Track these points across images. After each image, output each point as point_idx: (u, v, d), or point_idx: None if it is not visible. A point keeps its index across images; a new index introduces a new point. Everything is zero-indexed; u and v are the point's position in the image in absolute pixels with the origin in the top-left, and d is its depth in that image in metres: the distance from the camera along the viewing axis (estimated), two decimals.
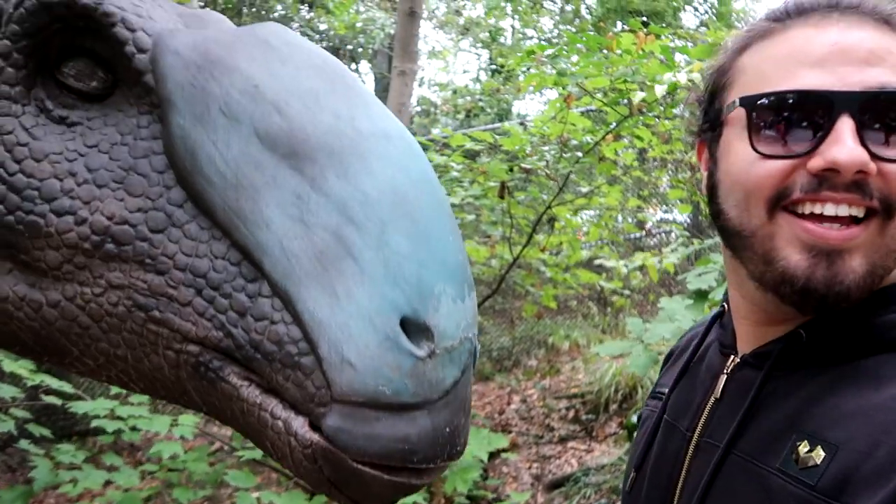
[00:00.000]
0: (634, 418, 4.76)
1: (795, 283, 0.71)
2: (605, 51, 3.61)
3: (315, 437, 0.79)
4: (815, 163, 0.70)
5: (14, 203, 0.90)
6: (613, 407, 5.52)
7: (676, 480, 0.81)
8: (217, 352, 0.84)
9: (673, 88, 3.08)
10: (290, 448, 0.81)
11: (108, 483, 2.53)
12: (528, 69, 3.83)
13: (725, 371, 0.80)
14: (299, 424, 0.80)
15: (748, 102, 0.76)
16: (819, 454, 0.64)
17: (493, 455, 4.79)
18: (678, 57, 3.32)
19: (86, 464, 2.59)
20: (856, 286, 0.69)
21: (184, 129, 0.87)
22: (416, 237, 0.83)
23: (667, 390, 0.90)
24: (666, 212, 7.54)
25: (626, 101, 3.59)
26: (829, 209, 0.70)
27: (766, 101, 0.74)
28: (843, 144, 0.68)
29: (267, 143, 0.84)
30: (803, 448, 0.66)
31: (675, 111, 3.56)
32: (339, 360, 0.77)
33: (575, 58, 3.67)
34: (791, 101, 0.72)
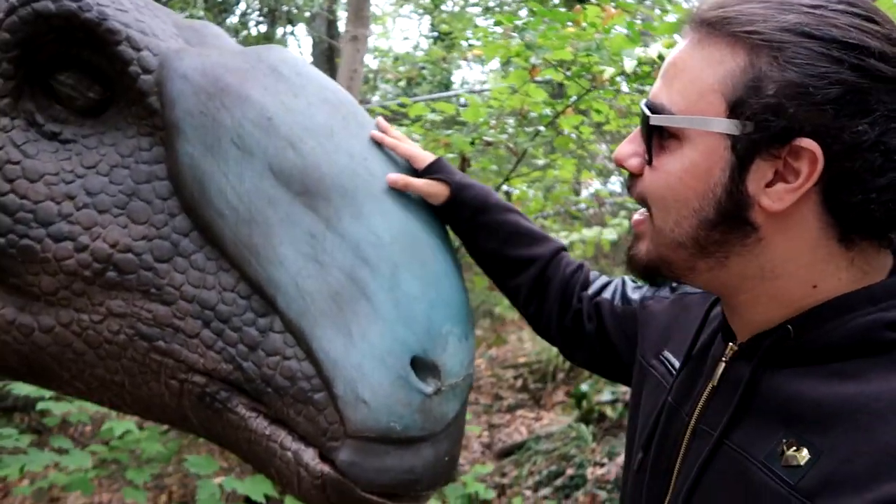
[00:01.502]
0: (584, 387, 4.94)
1: (627, 258, 0.83)
2: (569, 24, 3.62)
3: (325, 468, 0.82)
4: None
5: (6, 225, 0.87)
6: (561, 376, 5.69)
7: (674, 464, 0.84)
8: (225, 383, 0.86)
9: (640, 62, 3.11)
10: (298, 478, 0.84)
11: (54, 464, 2.45)
12: (477, 38, 3.80)
13: (724, 359, 0.82)
14: (310, 456, 0.83)
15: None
16: (804, 455, 0.67)
17: None
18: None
19: (31, 447, 2.50)
20: (639, 262, 0.80)
21: (193, 159, 0.86)
22: (426, 279, 0.86)
23: (677, 364, 0.93)
24: (605, 183, 7.67)
25: (589, 74, 3.61)
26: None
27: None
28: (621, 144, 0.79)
29: (281, 179, 0.85)
30: (789, 446, 0.69)
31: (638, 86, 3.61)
32: (354, 398, 0.80)
33: (541, 28, 3.66)
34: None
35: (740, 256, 0.75)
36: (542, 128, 4.22)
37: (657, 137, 0.75)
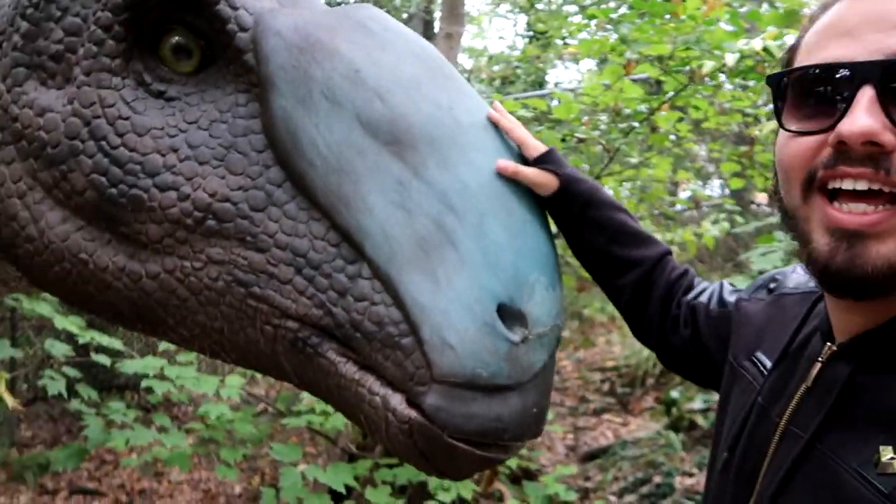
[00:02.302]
0: (674, 394, 4.77)
1: (817, 266, 0.69)
2: (668, 16, 3.51)
3: (413, 413, 0.82)
4: (831, 137, 0.68)
5: (117, 176, 0.93)
6: (650, 381, 5.52)
7: (762, 464, 0.80)
8: (316, 329, 0.87)
9: (746, 56, 2.97)
10: (386, 422, 0.85)
11: (155, 442, 2.59)
12: (571, 35, 3.74)
13: (821, 359, 0.78)
14: (397, 401, 0.83)
15: (774, 81, 0.75)
16: None
17: None
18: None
19: (136, 423, 2.66)
20: (877, 271, 0.65)
21: (286, 111, 0.89)
22: (513, 227, 0.85)
23: (769, 364, 0.88)
24: (704, 186, 7.38)
25: (687, 69, 3.49)
26: (847, 184, 0.67)
27: (787, 79, 0.73)
28: (854, 116, 0.65)
29: (369, 130, 0.86)
30: (886, 454, 0.65)
31: (740, 81, 3.45)
32: (440, 343, 0.80)
33: (637, 22, 3.57)
34: (814, 75, 0.70)
35: None
36: (636, 124, 4.12)
37: None
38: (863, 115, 0.64)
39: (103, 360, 2.78)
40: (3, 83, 1.05)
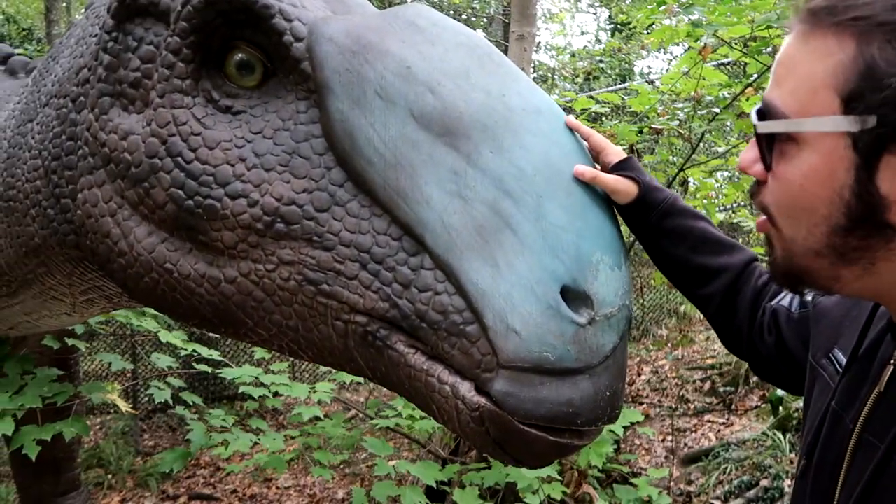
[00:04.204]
0: (780, 391, 4.51)
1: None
2: None
3: (482, 400, 0.82)
4: None
5: (192, 188, 0.99)
6: (754, 379, 5.25)
7: (838, 474, 0.76)
8: (383, 321, 0.89)
9: None
10: (457, 411, 0.85)
11: (254, 445, 2.74)
12: (652, 25, 3.63)
13: (893, 361, 0.74)
14: (466, 389, 0.83)
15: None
16: None
17: (625, 428, 4.72)
18: None
19: (234, 427, 2.81)
20: (777, 270, 0.74)
21: (342, 113, 0.92)
22: (572, 208, 0.84)
23: (844, 359, 0.84)
24: None
25: (769, 49, 3.33)
26: None
27: None
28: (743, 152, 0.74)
29: (422, 123, 0.87)
30: None
31: None
32: (504, 328, 0.79)
33: (712, 2, 3.43)
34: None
35: (889, 262, 0.66)
36: (716, 110, 3.96)
37: (776, 143, 0.69)
38: (747, 149, 0.73)
39: (204, 368, 2.99)
40: (92, 113, 1.14)
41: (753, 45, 3.47)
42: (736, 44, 3.44)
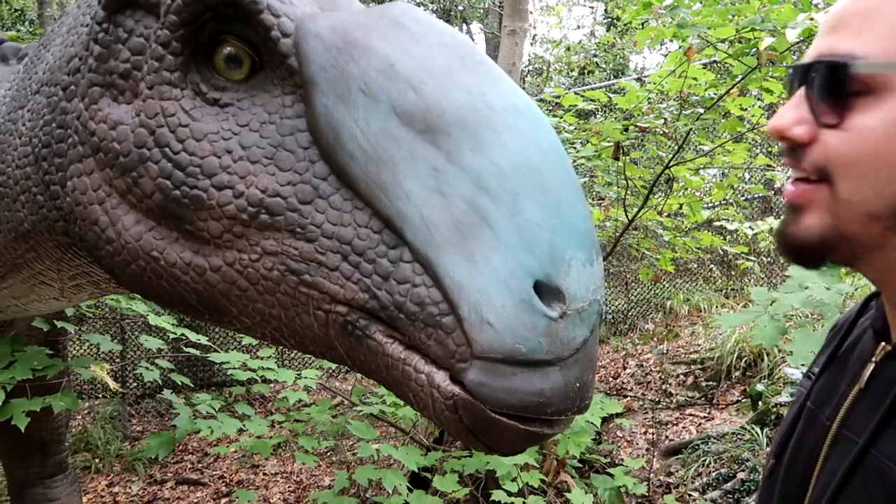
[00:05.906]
0: (759, 387, 4.58)
1: (776, 235, 0.76)
2: None
3: (456, 389, 0.85)
4: None
5: (179, 179, 1.01)
6: (736, 374, 5.33)
7: (812, 471, 0.77)
8: (363, 312, 0.92)
9: (807, 34, 2.83)
10: (432, 399, 0.88)
11: (240, 431, 2.78)
12: (644, 22, 3.66)
13: (874, 359, 0.75)
14: (441, 378, 0.87)
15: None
16: None
17: (606, 419, 4.78)
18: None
19: (220, 412, 2.85)
20: (806, 240, 0.71)
21: (327, 109, 0.94)
22: (548, 206, 0.86)
23: (816, 370, 0.86)
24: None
25: (753, 51, 3.36)
26: (791, 172, 0.74)
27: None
28: (776, 114, 0.71)
29: (404, 119, 0.90)
30: None
31: None
32: (478, 320, 0.83)
33: (698, 5, 3.46)
34: (788, 76, 0.75)
35: None
36: (700, 110, 3.99)
37: (840, 97, 0.66)
38: (782, 113, 0.71)
39: (193, 352, 3.06)
40: (82, 102, 1.16)
41: (739, 46, 3.50)
42: (721, 45, 3.47)
